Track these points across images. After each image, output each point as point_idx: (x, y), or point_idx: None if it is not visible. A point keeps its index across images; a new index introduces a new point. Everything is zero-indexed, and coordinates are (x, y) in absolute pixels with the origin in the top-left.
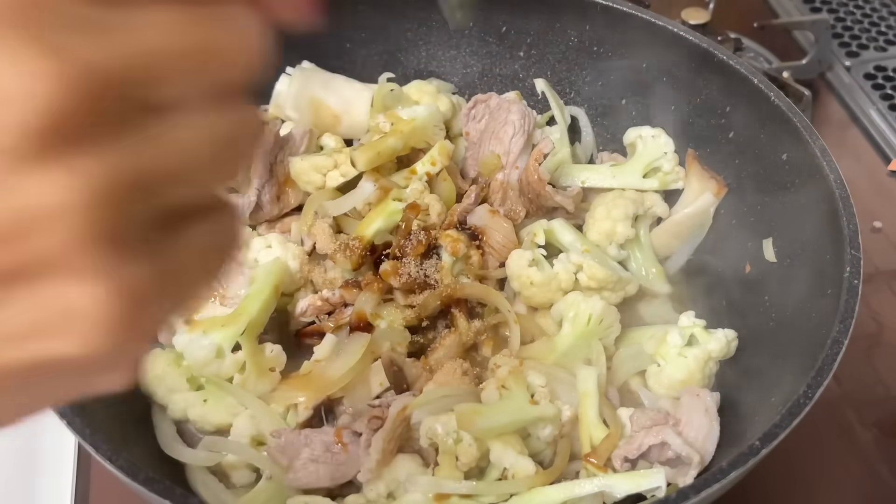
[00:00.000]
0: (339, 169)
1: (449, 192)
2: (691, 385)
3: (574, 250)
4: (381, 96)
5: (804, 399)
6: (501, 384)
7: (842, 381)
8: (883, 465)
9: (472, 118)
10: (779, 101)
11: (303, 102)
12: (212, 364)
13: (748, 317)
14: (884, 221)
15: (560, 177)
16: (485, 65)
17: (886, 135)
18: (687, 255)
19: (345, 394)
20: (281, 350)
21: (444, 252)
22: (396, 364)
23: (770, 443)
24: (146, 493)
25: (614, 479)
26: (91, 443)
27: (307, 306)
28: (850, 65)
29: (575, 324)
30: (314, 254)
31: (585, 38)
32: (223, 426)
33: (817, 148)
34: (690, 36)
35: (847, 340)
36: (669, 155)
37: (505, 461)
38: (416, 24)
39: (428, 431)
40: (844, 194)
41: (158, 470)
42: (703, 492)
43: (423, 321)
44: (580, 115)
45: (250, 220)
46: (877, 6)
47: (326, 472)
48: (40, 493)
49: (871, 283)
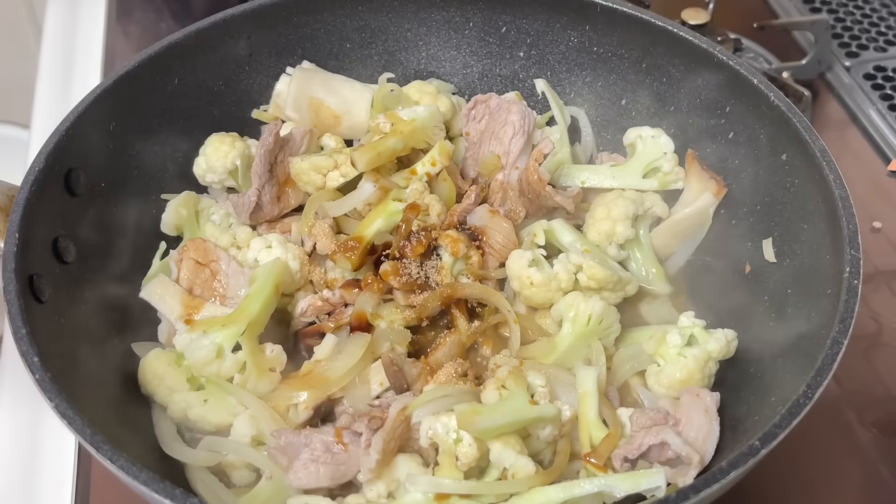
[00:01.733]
0: (339, 169)
1: (449, 192)
2: (691, 385)
3: (574, 250)
4: (381, 96)
5: (804, 399)
6: (501, 384)
7: (842, 381)
8: (883, 465)
9: (472, 118)
10: (779, 101)
11: (303, 102)
12: (212, 364)
13: (748, 317)
14: (883, 221)
15: (560, 177)
16: (485, 65)
17: (886, 135)
18: (687, 255)
19: (345, 394)
20: (281, 350)
21: (444, 252)
22: (396, 364)
23: (770, 443)
24: (146, 492)
25: (614, 479)
26: (91, 443)
27: (307, 306)
28: (850, 65)
29: (575, 324)
30: (314, 254)
31: (585, 38)
32: (223, 426)
33: (817, 148)
34: (690, 36)
35: (847, 340)
36: (669, 155)
37: (505, 461)
38: (416, 24)
39: (428, 431)
40: (844, 194)
41: (158, 470)
42: (703, 492)
43: (423, 321)
44: (580, 115)
45: (250, 220)
46: (877, 6)
47: (326, 472)
48: (40, 493)
49: (871, 283)
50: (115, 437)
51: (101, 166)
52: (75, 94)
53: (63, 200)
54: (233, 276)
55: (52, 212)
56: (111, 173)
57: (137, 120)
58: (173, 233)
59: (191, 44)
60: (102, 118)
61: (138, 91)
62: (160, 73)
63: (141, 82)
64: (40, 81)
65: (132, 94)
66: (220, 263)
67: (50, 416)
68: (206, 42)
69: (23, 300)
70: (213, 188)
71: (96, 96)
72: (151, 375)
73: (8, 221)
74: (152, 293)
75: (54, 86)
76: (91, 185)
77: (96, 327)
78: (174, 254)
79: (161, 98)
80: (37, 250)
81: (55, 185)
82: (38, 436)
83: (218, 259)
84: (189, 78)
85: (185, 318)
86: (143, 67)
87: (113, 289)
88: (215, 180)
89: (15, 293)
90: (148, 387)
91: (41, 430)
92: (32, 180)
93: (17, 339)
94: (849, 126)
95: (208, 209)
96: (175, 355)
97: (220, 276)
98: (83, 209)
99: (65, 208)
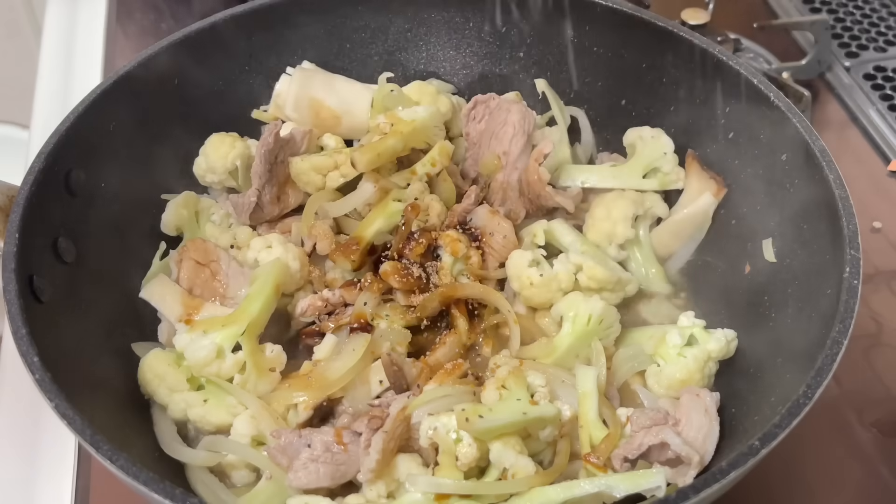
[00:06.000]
0: (339, 170)
1: (449, 192)
2: (691, 385)
3: (574, 251)
4: (381, 97)
5: (804, 399)
6: (501, 384)
7: (841, 381)
8: (883, 465)
9: (472, 119)
10: (779, 102)
11: (303, 103)
12: (212, 364)
13: (748, 317)
14: (883, 221)
15: (560, 177)
16: (485, 65)
17: (886, 135)
18: (687, 255)
19: (345, 394)
20: (281, 350)
21: (444, 252)
22: (396, 364)
23: (770, 443)
24: (146, 492)
25: (614, 479)
26: (91, 443)
27: (307, 306)
28: (850, 65)
29: (575, 324)
30: (314, 254)
31: (585, 38)
32: (223, 426)
33: (817, 148)
34: (690, 36)
35: (847, 340)
36: (669, 155)
37: (505, 461)
38: (416, 24)
39: (428, 431)
40: (844, 194)
41: (158, 470)
42: (703, 492)
43: (423, 321)
44: (580, 115)
45: (250, 220)
46: (877, 6)
47: (326, 472)
48: (40, 493)
49: (871, 283)
50: (115, 437)
51: (101, 166)
52: (75, 94)
53: (63, 200)
54: (233, 276)
55: (52, 212)
56: (111, 173)
57: (137, 120)
58: (173, 233)
59: (191, 44)
60: (102, 118)
61: (138, 91)
62: (160, 73)
63: (141, 82)
64: (40, 81)
65: (132, 94)
66: (220, 263)
67: (50, 416)
68: (206, 42)
69: (23, 300)
70: (213, 188)
71: (96, 96)
72: (151, 375)
73: (8, 221)
74: (152, 293)
75: (54, 86)
76: (91, 185)
77: (96, 327)
78: (174, 254)
79: (161, 98)
80: (37, 250)
81: (55, 185)
82: (38, 436)
83: (218, 259)
84: (189, 78)
85: (185, 318)
86: (143, 67)
87: (113, 289)
88: (215, 180)
89: (15, 293)
90: (148, 387)
91: (41, 430)
92: (32, 180)
93: (17, 339)
94: (849, 126)
95: (208, 209)
96: (175, 355)
97: (220, 276)
98: (83, 209)
99: (65, 208)
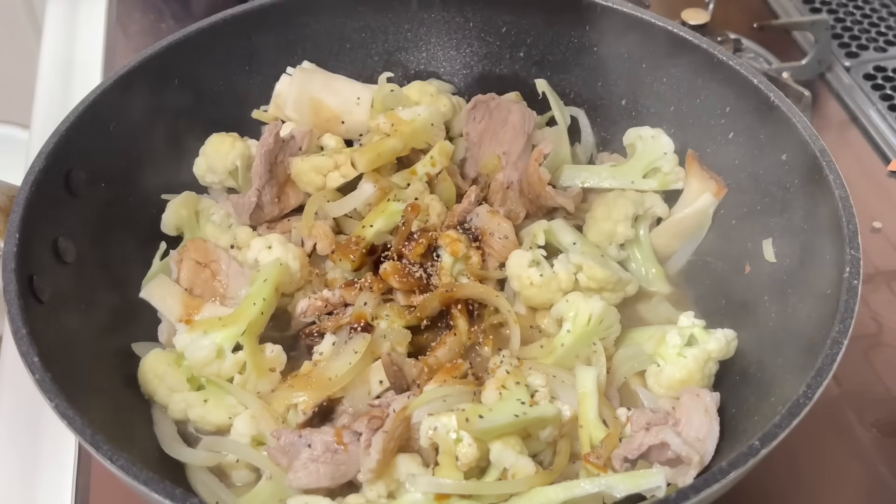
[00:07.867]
0: (339, 170)
1: (449, 192)
2: (691, 385)
3: (574, 251)
4: (382, 97)
5: (804, 399)
6: (501, 384)
7: (841, 381)
8: (882, 465)
9: (472, 119)
10: (779, 102)
11: (303, 103)
12: (212, 364)
13: (748, 317)
14: (883, 221)
15: (560, 177)
16: (485, 65)
17: (886, 135)
18: (687, 255)
19: (345, 394)
20: (281, 350)
21: (444, 252)
22: (396, 364)
23: (770, 443)
24: (146, 492)
25: (614, 479)
26: (91, 443)
27: (307, 306)
28: (850, 65)
29: (575, 324)
30: (314, 254)
31: (585, 39)
32: (223, 426)
33: (817, 148)
34: (690, 36)
35: (847, 340)
36: (669, 155)
37: (505, 461)
38: (416, 24)
39: (428, 431)
40: (844, 194)
41: (158, 470)
42: (703, 492)
43: (423, 321)
44: (580, 115)
45: (250, 220)
46: (877, 6)
47: (326, 472)
48: (40, 493)
49: (871, 283)
50: (115, 437)
51: (101, 166)
52: (75, 94)
53: (63, 200)
54: (233, 277)
55: (52, 212)
56: (111, 173)
57: (137, 120)
58: (173, 233)
59: (191, 44)
60: (102, 118)
61: (138, 91)
62: (160, 73)
63: (141, 82)
64: (40, 81)
65: (132, 94)
66: (220, 263)
67: (50, 416)
68: (206, 42)
69: (23, 300)
70: (214, 188)
71: (96, 96)
72: (151, 375)
73: (8, 221)
74: (152, 293)
75: (54, 86)
76: (91, 185)
77: (96, 327)
78: (174, 254)
79: (161, 98)
80: (37, 250)
81: (55, 185)
82: (38, 436)
83: (218, 259)
84: (189, 78)
85: (185, 318)
86: (143, 67)
87: (113, 289)
88: (215, 180)
89: (15, 293)
90: (148, 387)
91: (41, 430)
92: (32, 180)
93: (17, 339)
94: (849, 126)
95: (208, 209)
96: (175, 355)
97: (220, 277)
98: (83, 209)
99: (65, 208)
